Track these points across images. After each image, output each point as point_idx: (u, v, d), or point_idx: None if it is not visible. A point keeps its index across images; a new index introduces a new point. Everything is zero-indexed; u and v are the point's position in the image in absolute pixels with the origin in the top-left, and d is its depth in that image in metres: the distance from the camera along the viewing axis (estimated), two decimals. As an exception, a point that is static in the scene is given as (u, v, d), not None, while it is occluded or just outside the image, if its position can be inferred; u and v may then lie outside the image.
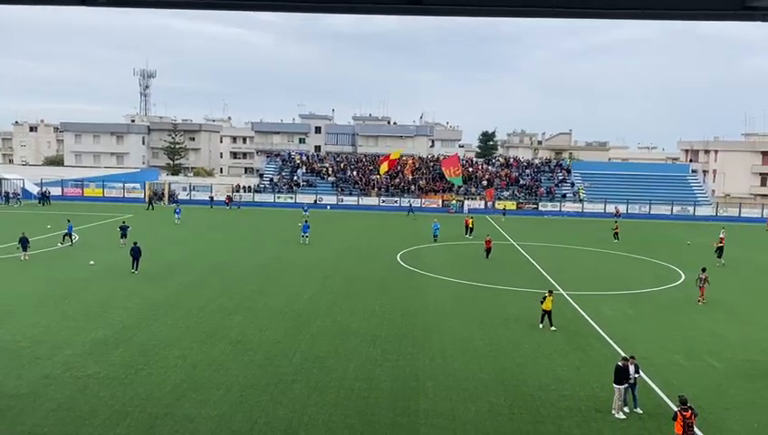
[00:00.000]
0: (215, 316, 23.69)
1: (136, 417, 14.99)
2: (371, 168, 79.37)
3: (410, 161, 79.08)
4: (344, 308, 25.38)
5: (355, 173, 78.27)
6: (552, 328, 22.77)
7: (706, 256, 39.16)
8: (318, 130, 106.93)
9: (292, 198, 71.37)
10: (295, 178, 77.16)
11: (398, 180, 75.89)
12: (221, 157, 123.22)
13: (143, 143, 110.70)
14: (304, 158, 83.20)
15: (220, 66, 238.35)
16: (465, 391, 17.03)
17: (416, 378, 17.89)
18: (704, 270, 29.03)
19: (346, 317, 24.00)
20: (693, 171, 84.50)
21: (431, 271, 33.49)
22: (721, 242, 39.77)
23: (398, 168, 77.17)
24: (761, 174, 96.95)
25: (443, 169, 71.38)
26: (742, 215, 68.48)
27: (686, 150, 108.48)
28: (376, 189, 74.29)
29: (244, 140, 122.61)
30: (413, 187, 74.55)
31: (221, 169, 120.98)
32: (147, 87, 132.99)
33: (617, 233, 47.61)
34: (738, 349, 21.19)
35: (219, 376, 17.66)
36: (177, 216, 52.04)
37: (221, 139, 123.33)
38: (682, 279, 33.30)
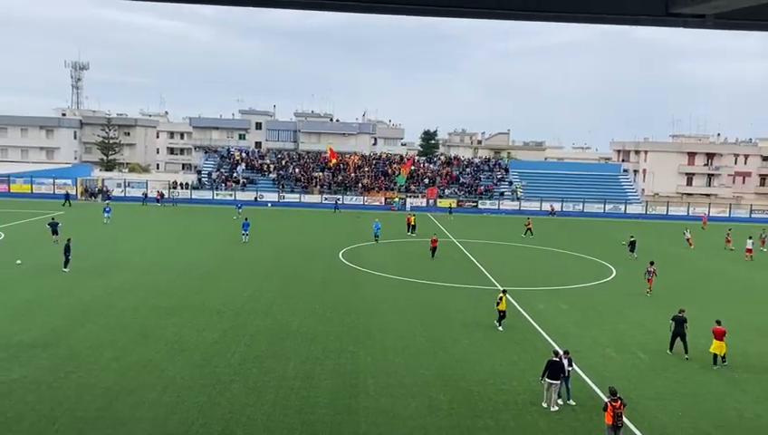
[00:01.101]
0: (150, 317, 23.05)
1: (65, 422, 14.43)
2: (313, 165, 78.96)
3: (354, 158, 79.01)
4: (284, 307, 25.15)
5: (297, 170, 77.63)
6: (501, 328, 22.91)
7: (639, 253, 40.84)
8: (258, 126, 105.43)
9: (231, 195, 70.16)
10: (235, 174, 75.87)
11: (340, 178, 75.73)
12: (158, 153, 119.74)
13: (75, 138, 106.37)
14: (244, 154, 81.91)
15: (157, 59, 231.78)
16: (405, 387, 17.18)
17: (356, 376, 17.92)
18: (651, 263, 30.60)
19: (286, 316, 23.80)
20: (624, 171, 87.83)
21: (373, 269, 33.59)
22: (689, 242, 44.41)
23: (341, 165, 77.06)
24: (687, 174, 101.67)
25: (402, 168, 72.48)
26: (669, 213, 71.68)
27: (618, 151, 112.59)
28: (318, 187, 73.90)
29: (182, 135, 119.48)
30: (358, 185, 74.54)
31: (158, 165, 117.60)
32: (79, 79, 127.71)
33: (529, 229, 49.21)
34: (664, 341, 22.14)
35: (154, 378, 17.21)
36: (106, 215, 48.98)
37: (158, 134, 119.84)
38: (613, 275, 34.59)
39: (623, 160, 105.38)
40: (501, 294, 23.30)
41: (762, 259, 40.33)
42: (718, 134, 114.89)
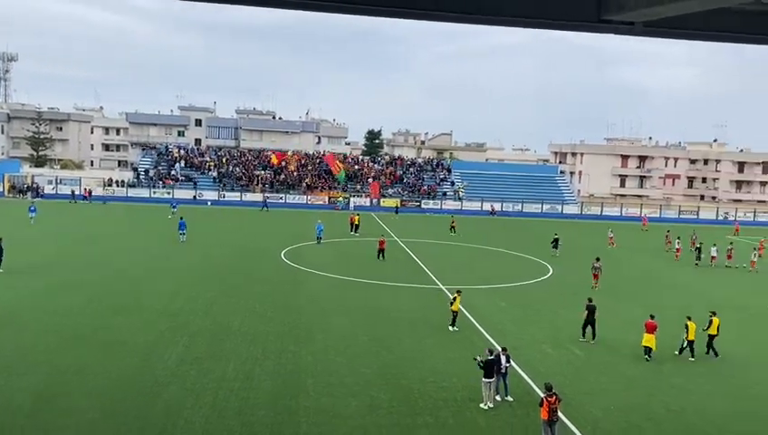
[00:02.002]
0: (84, 319, 22.23)
1: (-11, 430, 13.74)
2: (255, 163, 77.88)
3: (295, 157, 78.29)
4: (224, 307, 24.72)
5: (238, 169, 76.38)
6: (455, 328, 22.98)
7: (574, 252, 42.18)
8: (198, 122, 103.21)
9: (169, 193, 68.40)
10: (173, 172, 74.00)
11: (283, 177, 74.97)
12: (92, 149, 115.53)
13: (2, 132, 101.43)
14: (183, 151, 79.99)
15: (92, 53, 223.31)
16: (346, 386, 17.17)
17: (297, 376, 17.80)
18: (598, 259, 32.11)
19: (226, 316, 23.40)
20: (561, 172, 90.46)
21: (315, 268, 33.42)
22: (611, 241, 46.12)
23: (284, 163, 76.30)
24: (620, 176, 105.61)
25: (331, 166, 72.04)
26: (603, 213, 74.23)
27: (556, 153, 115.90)
28: (260, 186, 72.93)
29: (118, 131, 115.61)
30: (301, 183, 73.94)
31: (92, 161, 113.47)
32: (7, 71, 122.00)
33: (453, 227, 50.46)
34: (600, 338, 22.90)
35: (88, 382, 16.61)
36: (31, 214, 45.99)
37: (92, 129, 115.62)
38: (550, 273, 35.55)
39: (560, 162, 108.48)
40: (455, 295, 23.31)
41: (689, 258, 42.17)
42: (650, 138, 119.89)
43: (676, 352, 21.40)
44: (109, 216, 53.35)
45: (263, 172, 75.43)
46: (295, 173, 75.63)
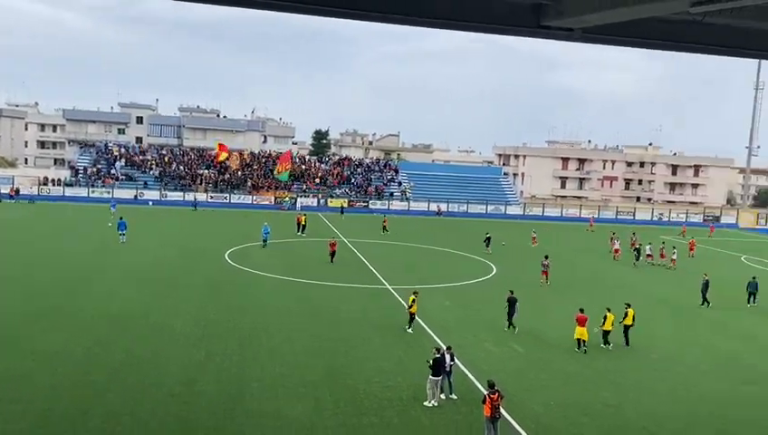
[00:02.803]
0: (15, 323, 21.31)
1: None
2: (199, 162, 76.28)
3: (236, 155, 76.91)
4: (165, 310, 24.13)
5: (181, 167, 74.67)
6: (409, 328, 23.03)
7: (516, 251, 43.07)
8: (140, 120, 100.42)
9: (108, 192, 66.26)
10: (113, 171, 71.73)
11: (227, 176, 73.73)
12: (26, 146, 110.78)
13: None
14: (123, 150, 77.62)
15: (27, 47, 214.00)
16: (291, 389, 17.03)
17: (241, 379, 17.54)
18: (546, 257, 33.52)
19: (167, 319, 22.84)
20: (505, 174, 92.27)
21: (261, 269, 33.00)
22: (533, 240, 46.62)
23: (226, 157, 74.99)
24: (561, 177, 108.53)
25: (279, 163, 71.01)
26: (545, 214, 76.10)
27: (500, 155, 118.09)
28: (204, 185, 71.51)
29: (55, 128, 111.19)
30: (247, 183, 72.85)
31: (26, 159, 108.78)
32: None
33: (385, 226, 51.13)
34: (538, 335, 23.52)
35: (19, 389, 15.92)
36: None
37: (26, 126, 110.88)
38: (494, 272, 36.18)
39: (504, 164, 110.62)
40: (413, 296, 23.17)
41: (629, 258, 43.66)
42: (589, 141, 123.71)
43: (602, 345, 22.26)
44: (41, 216, 51.23)
45: (206, 171, 73.98)
46: (240, 172, 74.48)
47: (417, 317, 24.73)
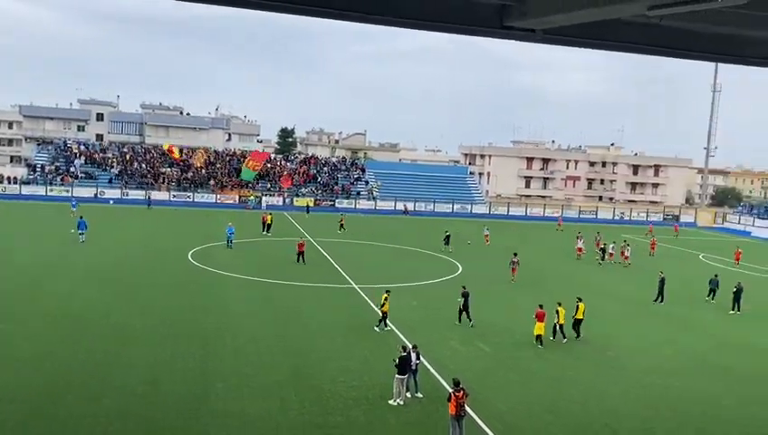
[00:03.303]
0: (-33, 325, 20.60)
1: None
2: (161, 160, 74.99)
3: (201, 152, 75.90)
4: (127, 310, 23.68)
5: (143, 166, 73.30)
6: (385, 327, 23.09)
7: (481, 250, 43.47)
8: (100, 117, 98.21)
9: (68, 190, 64.65)
10: (72, 169, 70.01)
11: (191, 175, 72.65)
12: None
13: None
14: (83, 147, 75.83)
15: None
16: (256, 389, 16.90)
17: (205, 379, 17.33)
18: (515, 254, 34.36)
19: (130, 319, 22.42)
20: (471, 173, 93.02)
21: (225, 270, 32.63)
22: (486, 238, 47.37)
23: (189, 160, 73.96)
24: (525, 177, 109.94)
25: (248, 159, 70.30)
26: (510, 213, 76.99)
27: (466, 154, 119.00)
28: (166, 183, 70.34)
29: (10, 124, 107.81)
30: (210, 181, 71.90)
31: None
32: None
33: (342, 224, 51.23)
34: (505, 334, 23.78)
35: (-28, 394, 15.41)
36: None
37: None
38: (460, 271, 36.45)
39: (470, 163, 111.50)
40: (385, 295, 23.21)
41: (591, 259, 44.46)
42: (552, 141, 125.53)
43: (552, 338, 22.84)
44: (-1, 215, 49.75)
45: (169, 170, 72.79)
46: (204, 171, 73.48)
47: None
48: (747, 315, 29.35)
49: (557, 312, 22.92)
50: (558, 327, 22.92)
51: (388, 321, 23.24)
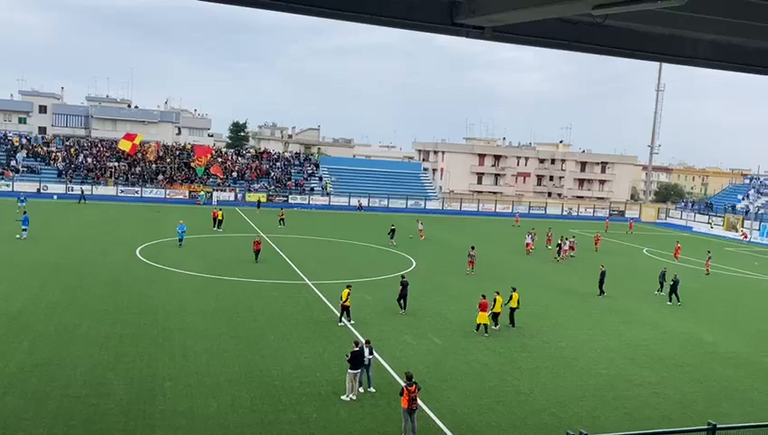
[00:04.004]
0: None
1: None
2: (108, 153, 72.88)
3: (153, 146, 74.12)
4: (71, 309, 22.95)
5: (89, 160, 71.07)
6: (349, 322, 23.26)
7: (435, 246, 43.81)
8: (43, 109, 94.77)
9: (8, 185, 62.16)
10: (13, 163, 67.33)
11: (139, 169, 70.85)
12: None
13: None
14: (25, 140, 72.99)
15: None
16: (206, 387, 16.63)
17: (153, 379, 16.95)
18: (473, 248, 35.21)
19: (73, 319, 21.73)
20: (424, 169, 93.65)
21: (175, 266, 31.97)
22: (420, 233, 47.66)
23: (139, 154, 72.13)
24: (477, 173, 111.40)
25: (195, 157, 69.10)
26: (463, 209, 77.91)
27: (420, 150, 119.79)
28: (113, 178, 68.41)
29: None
30: (159, 176, 70.25)
31: None
32: None
33: (282, 219, 50.90)
34: (458, 327, 24.07)
35: None
36: None
37: None
38: (413, 266, 36.68)
39: (424, 160, 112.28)
40: (346, 289, 23.40)
41: (541, 254, 45.38)
42: (504, 138, 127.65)
43: (493, 327, 23.63)
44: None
45: (116, 164, 70.80)
46: (153, 165, 71.76)
47: (336, 312, 24.76)
48: (685, 307, 30.51)
49: (494, 300, 23.72)
50: (492, 316, 23.66)
51: (348, 315, 23.42)
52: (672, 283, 31.16)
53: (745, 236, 64.75)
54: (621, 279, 35.52)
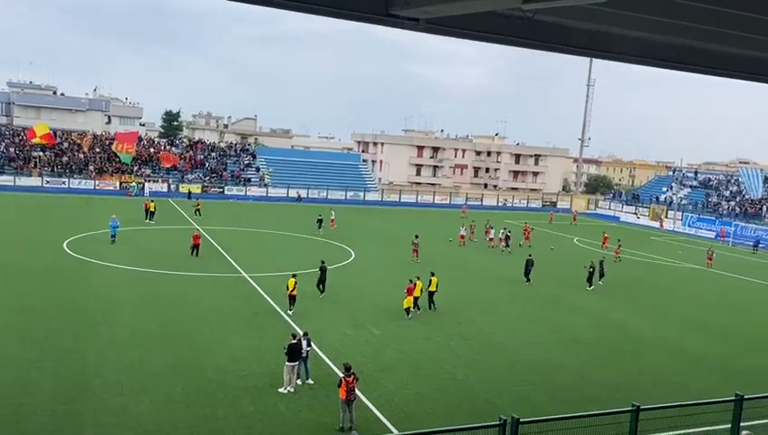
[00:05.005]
0: None
1: None
2: (32, 143, 69.38)
3: (90, 136, 71.08)
4: (-8, 305, 21.82)
5: (11, 149, 67.52)
6: (289, 310, 23.52)
7: (374, 237, 43.97)
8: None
9: None
10: (-74, 151, 63.24)
11: (66, 159, 67.83)
12: None
13: None
14: (-61, 128, 68.65)
15: None
16: (138, 383, 16.19)
17: (82, 376, 16.37)
18: (416, 236, 36.25)
19: (-5, 316, 20.68)
20: (364, 161, 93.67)
21: (105, 260, 30.86)
22: (332, 223, 47.26)
23: (65, 144, 69.05)
24: (416, 165, 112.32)
25: (116, 143, 66.40)
26: (402, 200, 78.45)
27: (359, 142, 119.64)
28: (38, 169, 65.26)
29: None
30: (88, 167, 67.46)
31: None
32: None
33: (198, 210, 49.79)
34: (392, 317, 24.26)
35: None
36: None
37: None
38: (353, 257, 36.71)
39: (363, 151, 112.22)
40: (293, 279, 23.64)
41: (481, 245, 46.23)
42: (441, 130, 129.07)
43: (414, 309, 24.38)
44: None
45: (41, 153, 67.56)
46: (82, 155, 68.86)
47: (274, 304, 24.57)
48: (611, 293, 31.83)
49: (415, 285, 24.46)
50: (414, 300, 24.42)
51: (293, 304, 23.65)
52: (591, 270, 32.36)
53: (662, 225, 68.23)
54: (552, 267, 36.66)
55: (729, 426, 11.10)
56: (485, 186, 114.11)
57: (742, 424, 11.02)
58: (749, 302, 33.67)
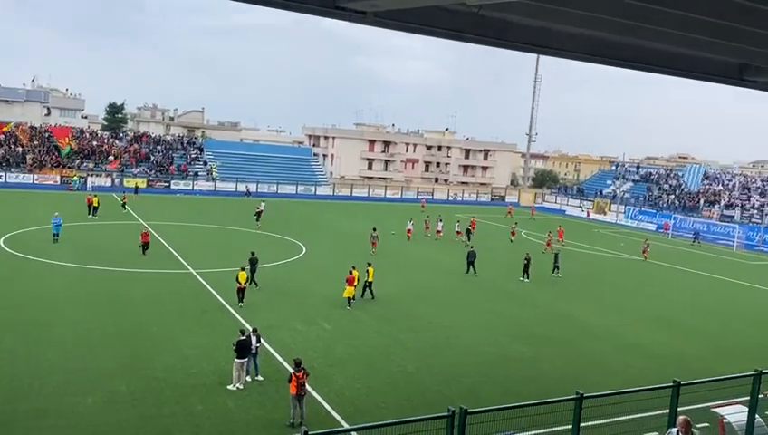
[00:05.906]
0: None
1: None
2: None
3: (26, 129, 68.19)
4: None
5: (-58, 142, 64.27)
6: (240, 303, 23.57)
7: (324, 232, 43.74)
8: None
9: None
10: None
11: (1, 152, 64.98)
12: None
13: None
14: None
15: None
16: (80, 383, 15.71)
17: (18, 378, 15.78)
18: (375, 229, 36.63)
19: (-76, 317, 19.69)
20: (315, 155, 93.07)
21: (45, 256, 29.76)
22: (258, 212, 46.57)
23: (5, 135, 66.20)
24: (368, 159, 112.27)
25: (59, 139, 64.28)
26: (353, 194, 78.35)
27: (310, 136, 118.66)
28: (-28, 162, 62.34)
29: None
30: (27, 160, 64.80)
31: None
32: None
33: (125, 204, 48.96)
34: (343, 311, 24.26)
35: None
36: None
37: None
38: (304, 252, 36.47)
39: (314, 145, 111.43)
40: (242, 271, 23.81)
41: (420, 239, 46.57)
42: (393, 125, 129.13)
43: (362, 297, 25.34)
44: None
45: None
46: (19, 148, 66.09)
47: (222, 300, 24.25)
48: (557, 285, 32.65)
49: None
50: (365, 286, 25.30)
51: (242, 298, 23.76)
52: (527, 262, 32.87)
53: (588, 215, 71.37)
54: (499, 260, 37.32)
55: (668, 411, 11.53)
56: (436, 180, 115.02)
57: (679, 409, 11.47)
58: (690, 291, 35.07)
